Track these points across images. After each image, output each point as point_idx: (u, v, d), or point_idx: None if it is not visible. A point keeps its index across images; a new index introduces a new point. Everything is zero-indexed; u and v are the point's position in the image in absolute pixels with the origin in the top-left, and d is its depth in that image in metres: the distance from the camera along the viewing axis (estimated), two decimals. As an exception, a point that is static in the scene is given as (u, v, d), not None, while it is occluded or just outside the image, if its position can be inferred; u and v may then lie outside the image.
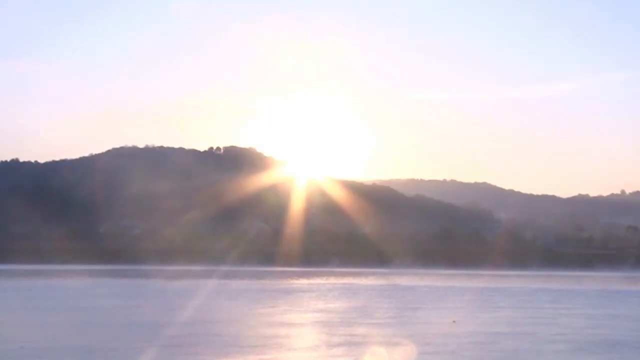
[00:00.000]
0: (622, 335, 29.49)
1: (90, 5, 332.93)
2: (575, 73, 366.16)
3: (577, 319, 37.26)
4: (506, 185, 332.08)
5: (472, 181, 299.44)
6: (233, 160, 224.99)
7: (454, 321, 34.73)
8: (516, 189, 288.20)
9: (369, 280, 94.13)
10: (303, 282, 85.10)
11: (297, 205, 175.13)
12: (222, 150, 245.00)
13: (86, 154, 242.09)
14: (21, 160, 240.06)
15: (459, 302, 51.59)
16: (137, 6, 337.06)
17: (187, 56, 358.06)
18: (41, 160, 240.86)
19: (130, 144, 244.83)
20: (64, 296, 54.25)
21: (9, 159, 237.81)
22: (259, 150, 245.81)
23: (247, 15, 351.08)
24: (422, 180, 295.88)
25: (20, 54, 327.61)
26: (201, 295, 54.97)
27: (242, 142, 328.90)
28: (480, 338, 27.70)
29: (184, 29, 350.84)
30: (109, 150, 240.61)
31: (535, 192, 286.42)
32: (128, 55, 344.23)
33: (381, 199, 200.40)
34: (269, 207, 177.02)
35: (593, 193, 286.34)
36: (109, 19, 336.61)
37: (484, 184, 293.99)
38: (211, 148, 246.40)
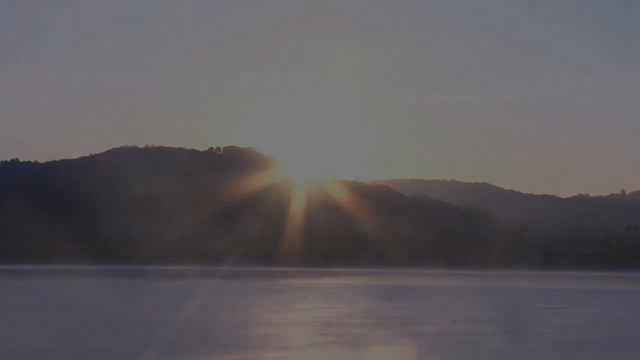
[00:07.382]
0: (604, 336, 29.65)
1: (90, 4, 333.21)
2: (575, 73, 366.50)
3: (567, 319, 37.40)
4: (506, 185, 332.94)
5: (472, 181, 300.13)
6: (233, 160, 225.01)
7: (453, 321, 34.77)
8: (516, 189, 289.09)
9: (369, 280, 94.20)
10: (303, 282, 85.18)
11: (297, 205, 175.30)
12: (222, 150, 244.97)
13: (86, 154, 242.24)
14: (21, 160, 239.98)
15: (459, 301, 51.72)
16: (137, 6, 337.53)
17: (187, 56, 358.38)
18: (41, 160, 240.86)
19: (130, 144, 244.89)
20: (64, 296, 54.36)
21: (9, 159, 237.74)
22: (259, 150, 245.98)
23: (247, 14, 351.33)
24: (422, 180, 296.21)
25: (20, 56, 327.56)
26: (200, 295, 55.07)
27: (242, 142, 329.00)
28: (470, 338, 27.84)
29: (184, 28, 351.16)
30: (109, 150, 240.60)
31: (535, 192, 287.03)
32: (128, 55, 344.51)
33: (381, 199, 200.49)
34: (269, 207, 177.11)
35: (593, 193, 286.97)
36: (109, 18, 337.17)
37: (484, 184, 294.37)
38: (211, 148, 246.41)
